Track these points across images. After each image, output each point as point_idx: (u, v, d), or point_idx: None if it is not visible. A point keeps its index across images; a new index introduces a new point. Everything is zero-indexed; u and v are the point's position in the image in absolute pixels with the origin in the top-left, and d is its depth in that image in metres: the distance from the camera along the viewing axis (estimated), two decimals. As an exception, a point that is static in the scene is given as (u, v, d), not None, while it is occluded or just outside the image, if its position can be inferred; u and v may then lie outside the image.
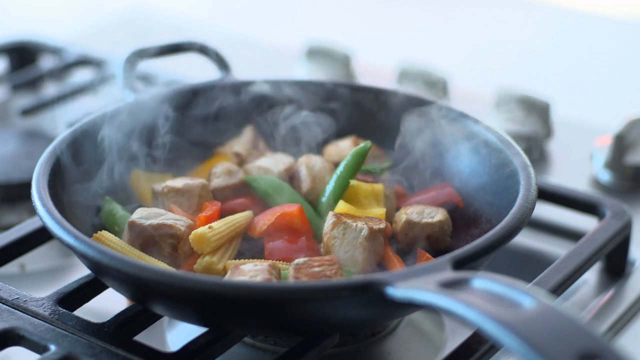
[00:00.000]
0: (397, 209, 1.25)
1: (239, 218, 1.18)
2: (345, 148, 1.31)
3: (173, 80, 1.66)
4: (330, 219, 1.15)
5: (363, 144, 1.24)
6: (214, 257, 1.13)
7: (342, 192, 1.22)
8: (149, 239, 1.13)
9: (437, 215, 1.20)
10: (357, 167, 1.23)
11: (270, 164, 1.28)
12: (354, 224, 1.14)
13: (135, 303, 1.10)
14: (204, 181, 1.24)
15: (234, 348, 1.12)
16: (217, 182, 1.25)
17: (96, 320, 1.08)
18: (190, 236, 1.13)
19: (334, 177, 1.23)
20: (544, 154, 1.65)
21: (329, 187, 1.23)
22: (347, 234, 1.14)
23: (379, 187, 1.23)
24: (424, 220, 1.19)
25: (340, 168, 1.23)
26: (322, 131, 1.34)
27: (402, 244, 1.20)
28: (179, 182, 1.22)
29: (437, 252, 1.19)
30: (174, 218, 1.15)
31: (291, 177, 1.28)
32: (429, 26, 2.58)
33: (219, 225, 1.15)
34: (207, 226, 1.14)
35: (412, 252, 1.20)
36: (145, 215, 1.15)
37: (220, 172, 1.26)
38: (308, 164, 1.26)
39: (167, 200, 1.21)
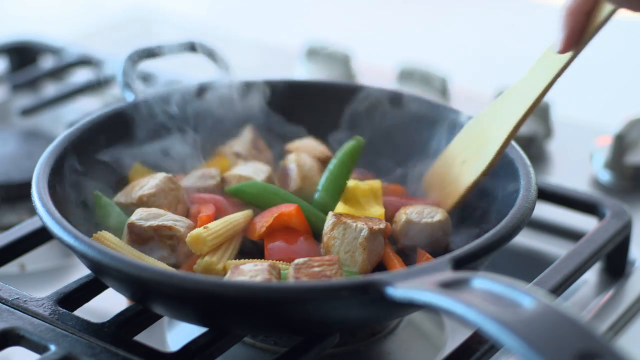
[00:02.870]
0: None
1: (237, 217, 1.18)
2: (311, 145, 1.31)
3: (173, 80, 1.66)
4: (330, 219, 1.15)
5: (356, 139, 1.24)
6: (213, 257, 1.12)
7: (341, 190, 1.22)
8: (148, 240, 1.13)
9: (437, 215, 1.20)
10: (353, 163, 1.23)
11: (251, 172, 1.26)
12: (354, 224, 1.14)
13: (135, 303, 1.10)
14: (166, 175, 1.22)
15: (234, 348, 1.12)
16: (185, 181, 1.24)
17: (96, 320, 1.08)
18: (187, 238, 1.13)
19: (326, 173, 1.23)
20: (544, 154, 1.65)
21: (322, 184, 1.23)
22: (347, 234, 1.13)
23: (376, 184, 1.23)
24: (424, 220, 1.19)
25: (334, 164, 1.22)
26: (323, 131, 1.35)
27: (402, 244, 1.20)
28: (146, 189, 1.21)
29: (437, 252, 1.19)
30: (173, 219, 1.15)
31: (278, 176, 1.27)
32: (429, 26, 2.58)
33: (216, 225, 1.15)
34: (203, 227, 1.14)
35: (412, 252, 1.20)
36: (144, 217, 1.15)
37: (196, 174, 1.25)
38: (299, 162, 1.26)
39: (151, 205, 1.19)
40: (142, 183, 1.22)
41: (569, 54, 1.15)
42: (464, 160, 1.22)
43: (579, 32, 1.12)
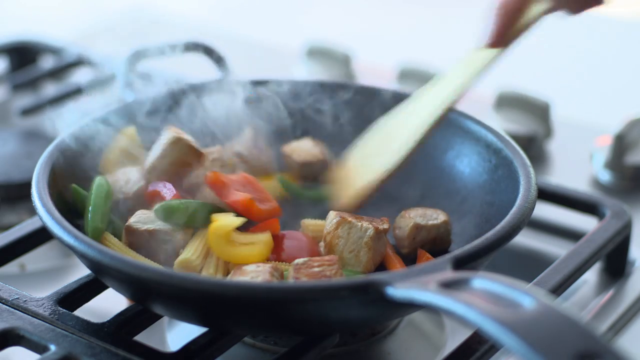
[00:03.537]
0: None
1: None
2: (308, 148, 1.31)
3: (173, 80, 1.66)
4: (333, 218, 1.15)
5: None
6: (210, 272, 1.11)
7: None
8: (145, 244, 1.13)
9: (439, 216, 1.21)
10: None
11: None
12: (359, 223, 1.14)
13: (135, 303, 1.10)
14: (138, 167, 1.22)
15: (234, 348, 1.12)
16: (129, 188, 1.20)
17: (96, 320, 1.08)
18: (175, 266, 1.11)
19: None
20: (544, 154, 1.65)
21: None
22: (352, 234, 1.13)
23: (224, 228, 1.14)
24: (430, 222, 1.20)
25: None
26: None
27: (409, 248, 1.20)
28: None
29: (437, 252, 1.19)
30: (170, 222, 1.15)
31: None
32: (429, 26, 2.58)
33: (193, 246, 1.13)
34: (184, 252, 1.11)
35: (413, 254, 1.20)
36: (142, 220, 1.14)
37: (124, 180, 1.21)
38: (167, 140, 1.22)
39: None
40: (124, 177, 1.20)
41: (492, 52, 1.13)
42: (368, 161, 1.21)
43: (508, 28, 1.11)
